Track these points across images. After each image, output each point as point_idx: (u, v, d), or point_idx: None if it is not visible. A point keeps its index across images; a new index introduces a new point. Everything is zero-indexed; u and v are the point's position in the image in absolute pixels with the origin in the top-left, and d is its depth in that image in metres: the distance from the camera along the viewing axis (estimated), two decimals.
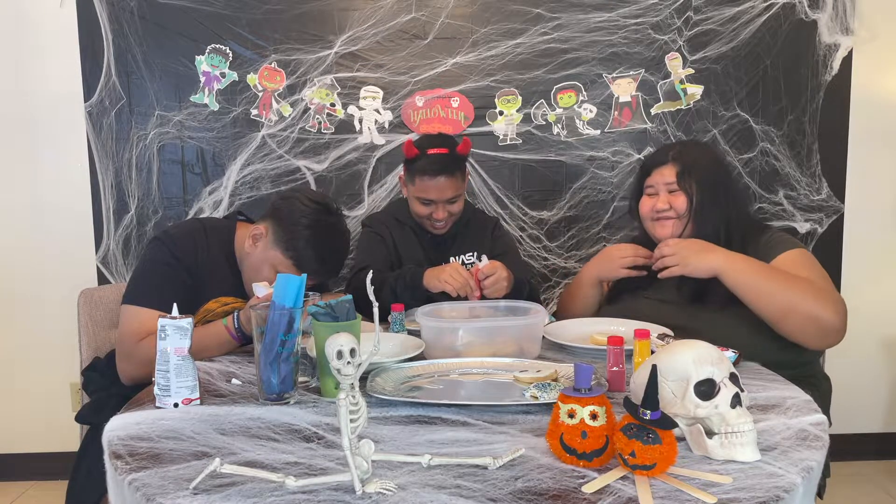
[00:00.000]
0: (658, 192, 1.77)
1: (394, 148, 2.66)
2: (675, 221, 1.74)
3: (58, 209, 2.68)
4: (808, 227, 2.75)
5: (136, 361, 1.57)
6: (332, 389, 1.26)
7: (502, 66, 2.65)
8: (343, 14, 2.62)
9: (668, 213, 1.74)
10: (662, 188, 1.76)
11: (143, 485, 0.92)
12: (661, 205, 1.75)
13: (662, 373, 1.01)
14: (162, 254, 1.66)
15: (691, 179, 1.73)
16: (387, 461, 0.97)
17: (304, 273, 1.59)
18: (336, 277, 1.84)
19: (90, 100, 2.61)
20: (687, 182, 1.73)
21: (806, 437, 1.05)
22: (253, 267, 1.69)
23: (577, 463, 0.96)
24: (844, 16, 2.66)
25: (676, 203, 1.73)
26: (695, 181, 1.73)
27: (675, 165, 1.75)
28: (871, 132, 2.74)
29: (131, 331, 1.59)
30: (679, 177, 1.73)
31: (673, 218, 1.74)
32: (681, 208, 1.73)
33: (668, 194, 1.75)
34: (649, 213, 1.78)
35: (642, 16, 2.65)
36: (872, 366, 2.83)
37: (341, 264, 1.75)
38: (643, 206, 1.80)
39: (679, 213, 1.73)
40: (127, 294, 1.64)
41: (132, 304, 1.61)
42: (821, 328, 1.53)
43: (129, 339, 1.59)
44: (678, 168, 1.74)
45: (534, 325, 1.53)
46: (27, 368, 2.74)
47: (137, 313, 1.59)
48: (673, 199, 1.74)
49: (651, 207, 1.77)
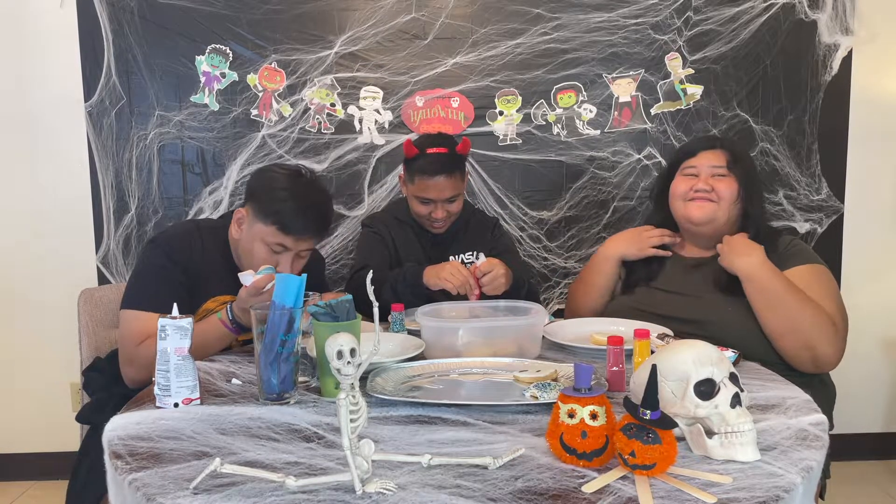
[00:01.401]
0: (699, 174, 1.77)
1: (394, 148, 2.66)
2: (713, 205, 1.74)
3: (58, 209, 2.68)
4: (808, 227, 2.75)
5: (137, 365, 1.58)
6: (332, 389, 1.26)
7: (502, 66, 2.65)
8: (343, 14, 2.62)
9: (709, 194, 1.74)
10: (706, 170, 1.76)
11: (144, 485, 0.92)
12: (703, 185, 1.75)
13: (662, 373, 1.01)
14: (158, 256, 1.66)
15: (740, 168, 1.76)
16: (387, 461, 0.97)
17: (291, 234, 1.60)
18: (326, 237, 1.76)
19: (90, 100, 2.61)
20: (737, 169, 1.75)
21: (806, 437, 1.05)
22: (245, 250, 1.68)
23: (577, 463, 0.96)
24: (844, 16, 2.66)
25: (721, 186, 1.74)
26: (743, 170, 1.76)
27: (726, 152, 1.78)
28: (870, 132, 2.74)
29: (131, 335, 1.59)
30: (731, 163, 1.75)
31: (711, 201, 1.74)
32: (725, 193, 1.74)
33: (712, 178, 1.75)
34: (684, 193, 1.78)
35: (642, 16, 2.64)
36: (872, 366, 2.83)
37: (326, 221, 1.71)
38: (678, 186, 1.81)
39: (721, 198, 1.74)
40: (125, 299, 1.64)
41: (130, 308, 1.61)
42: (814, 358, 1.58)
43: (129, 343, 1.59)
44: (729, 155, 1.77)
45: (534, 325, 1.53)
46: (27, 368, 2.74)
47: (136, 317, 1.59)
48: (717, 182, 1.75)
49: (689, 187, 1.77)
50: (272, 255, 1.64)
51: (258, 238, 1.64)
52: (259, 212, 1.64)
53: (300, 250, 1.66)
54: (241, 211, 1.69)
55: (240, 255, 1.72)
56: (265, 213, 1.63)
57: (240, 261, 1.72)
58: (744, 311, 1.64)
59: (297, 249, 1.66)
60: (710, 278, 1.74)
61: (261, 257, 1.64)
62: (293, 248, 1.65)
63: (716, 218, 1.75)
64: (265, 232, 1.63)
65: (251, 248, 1.66)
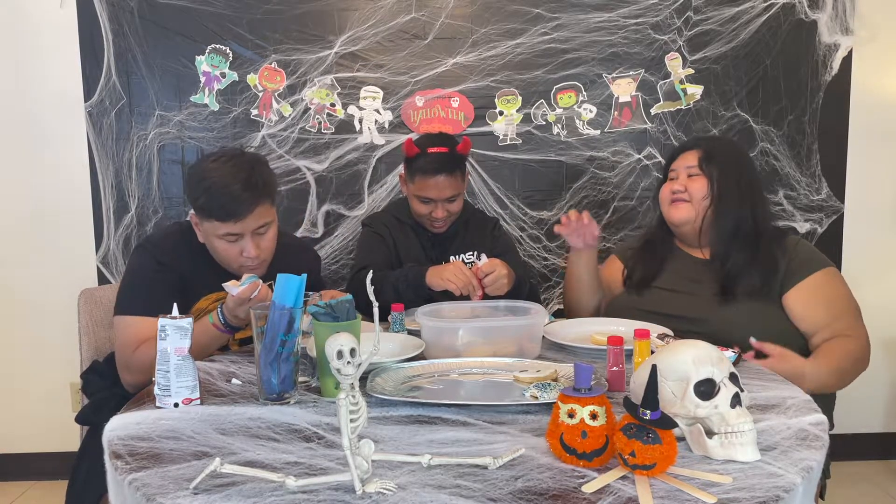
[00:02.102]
0: (678, 177, 1.80)
1: (394, 148, 2.66)
2: (688, 206, 1.76)
3: (58, 209, 2.68)
4: (808, 227, 2.75)
5: (135, 370, 1.58)
6: (332, 389, 1.26)
7: (502, 66, 2.65)
8: (343, 14, 2.62)
9: (683, 195, 1.77)
10: (683, 172, 1.79)
11: (144, 485, 0.92)
12: (678, 186, 1.78)
13: (662, 373, 1.01)
14: (145, 260, 1.65)
15: (713, 166, 1.76)
16: (387, 461, 0.97)
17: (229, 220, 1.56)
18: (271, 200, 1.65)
19: (90, 100, 2.61)
20: (708, 168, 1.76)
21: (806, 437, 1.05)
22: (211, 249, 1.66)
23: (577, 463, 0.96)
24: (844, 16, 2.66)
25: (693, 187, 1.76)
26: (717, 168, 1.75)
27: (699, 151, 1.79)
28: (870, 132, 2.74)
29: (126, 341, 1.59)
30: (701, 161, 1.76)
31: (686, 201, 1.76)
32: (696, 192, 1.75)
33: (687, 178, 1.77)
34: (666, 197, 1.81)
35: (642, 16, 2.64)
36: (872, 366, 2.80)
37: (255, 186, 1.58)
38: (663, 191, 1.84)
39: (693, 197, 1.75)
40: (117, 305, 1.63)
41: (123, 314, 1.61)
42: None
43: (125, 349, 1.59)
44: (701, 153, 1.78)
45: (534, 325, 1.53)
46: (27, 368, 2.74)
47: (130, 323, 1.59)
48: (690, 182, 1.77)
49: (670, 190, 1.80)
50: (232, 246, 1.61)
51: (211, 235, 1.62)
52: (197, 211, 1.62)
53: (253, 229, 1.61)
54: (192, 216, 1.67)
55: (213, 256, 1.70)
56: (199, 211, 1.61)
57: None
58: (746, 309, 1.65)
59: (249, 230, 1.60)
60: (711, 277, 1.74)
61: (224, 252, 1.62)
62: (244, 231, 1.60)
63: (691, 218, 1.77)
64: (210, 228, 1.61)
65: (213, 246, 1.64)
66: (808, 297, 1.67)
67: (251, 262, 1.63)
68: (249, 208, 1.58)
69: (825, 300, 1.68)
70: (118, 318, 1.62)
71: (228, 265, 1.66)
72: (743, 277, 1.69)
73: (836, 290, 1.71)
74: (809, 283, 1.68)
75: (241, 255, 1.62)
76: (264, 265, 1.67)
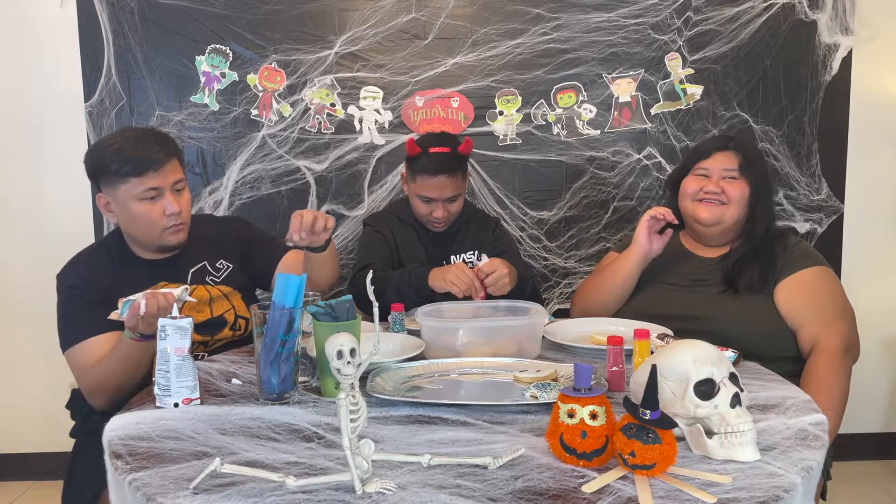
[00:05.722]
0: (710, 176, 1.78)
1: (394, 148, 2.66)
2: (723, 207, 1.76)
3: (58, 209, 2.68)
4: (808, 227, 2.75)
5: (100, 389, 1.58)
6: (332, 389, 1.26)
7: (502, 66, 2.65)
8: (343, 14, 2.62)
9: (719, 196, 1.76)
10: (718, 172, 1.77)
11: (144, 484, 0.92)
12: (714, 187, 1.76)
13: (662, 373, 1.01)
14: (63, 287, 1.66)
15: (753, 171, 1.77)
16: (387, 461, 0.97)
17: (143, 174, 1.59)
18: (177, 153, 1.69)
19: (90, 100, 2.61)
20: (749, 173, 1.76)
21: (806, 437, 1.05)
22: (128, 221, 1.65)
23: (577, 463, 0.96)
24: (844, 16, 2.66)
25: (731, 189, 1.75)
26: (756, 173, 1.77)
27: (738, 154, 1.78)
28: (871, 132, 2.74)
29: (81, 370, 1.60)
30: (743, 166, 1.76)
31: (721, 204, 1.76)
32: (735, 195, 1.75)
33: (723, 180, 1.76)
34: (694, 193, 1.79)
35: (642, 16, 2.64)
36: (872, 366, 2.83)
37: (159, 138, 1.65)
38: (688, 185, 1.81)
39: (732, 200, 1.75)
40: (61, 343, 1.64)
41: (68, 347, 1.62)
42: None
43: (82, 378, 1.61)
44: (741, 158, 1.77)
45: (534, 325, 1.53)
46: (27, 368, 2.74)
47: (76, 352, 1.60)
48: (727, 185, 1.76)
49: (699, 188, 1.78)
50: (153, 207, 1.61)
51: (129, 201, 1.61)
52: (106, 181, 1.63)
53: (170, 183, 1.63)
54: (100, 198, 1.67)
55: (132, 235, 1.69)
56: (113, 177, 1.61)
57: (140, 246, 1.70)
58: (748, 308, 1.66)
59: (166, 184, 1.62)
60: (715, 275, 1.76)
61: (146, 216, 1.62)
62: (163, 185, 1.62)
63: (724, 220, 1.77)
64: (128, 191, 1.61)
65: (131, 214, 1.63)
66: (795, 291, 1.68)
67: (174, 220, 1.64)
68: (164, 158, 1.62)
69: (811, 295, 1.68)
70: (65, 355, 1.63)
71: (151, 233, 1.64)
72: (745, 272, 1.71)
73: (825, 287, 1.71)
74: (798, 278, 1.69)
75: (163, 215, 1.62)
76: (186, 229, 1.69)
